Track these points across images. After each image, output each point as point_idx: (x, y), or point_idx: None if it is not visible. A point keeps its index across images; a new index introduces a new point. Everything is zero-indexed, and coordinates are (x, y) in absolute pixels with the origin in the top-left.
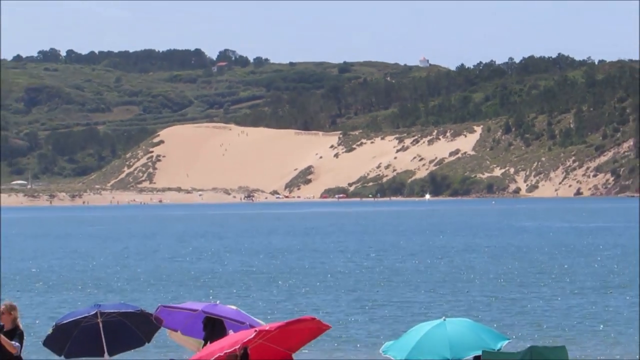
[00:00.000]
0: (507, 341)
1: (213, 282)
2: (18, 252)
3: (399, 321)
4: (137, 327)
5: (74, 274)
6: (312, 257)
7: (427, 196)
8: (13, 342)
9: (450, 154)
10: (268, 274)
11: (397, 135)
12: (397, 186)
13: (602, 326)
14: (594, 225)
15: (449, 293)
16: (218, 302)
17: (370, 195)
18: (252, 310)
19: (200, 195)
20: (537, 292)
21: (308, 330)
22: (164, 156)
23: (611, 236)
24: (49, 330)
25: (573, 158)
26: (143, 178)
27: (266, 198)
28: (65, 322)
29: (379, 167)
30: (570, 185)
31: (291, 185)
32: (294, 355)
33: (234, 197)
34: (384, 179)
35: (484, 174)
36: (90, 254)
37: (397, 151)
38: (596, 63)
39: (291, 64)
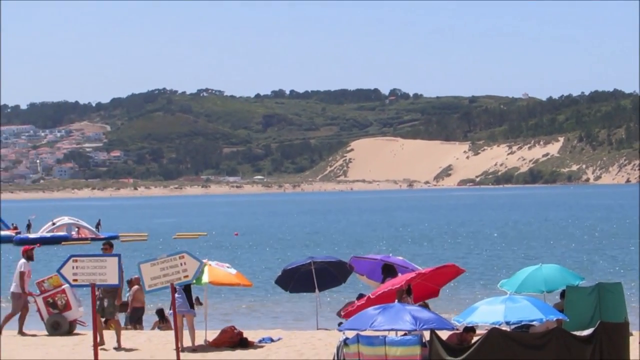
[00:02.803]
0: (582, 280)
1: (388, 241)
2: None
3: (510, 267)
4: (337, 271)
5: (301, 235)
6: (449, 224)
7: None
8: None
9: (543, 156)
10: (426, 234)
11: (507, 144)
12: (507, 177)
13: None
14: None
15: (545, 247)
16: (390, 254)
17: (490, 184)
18: (412, 258)
19: (378, 184)
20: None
21: (450, 272)
22: (354, 159)
23: None
24: (279, 273)
25: (624, 158)
26: (340, 173)
27: (421, 186)
28: (289, 268)
29: (495, 165)
30: (622, 176)
31: (437, 177)
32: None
33: (400, 185)
34: (499, 173)
35: (565, 169)
36: (316, 224)
37: (508, 154)
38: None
39: (437, 97)
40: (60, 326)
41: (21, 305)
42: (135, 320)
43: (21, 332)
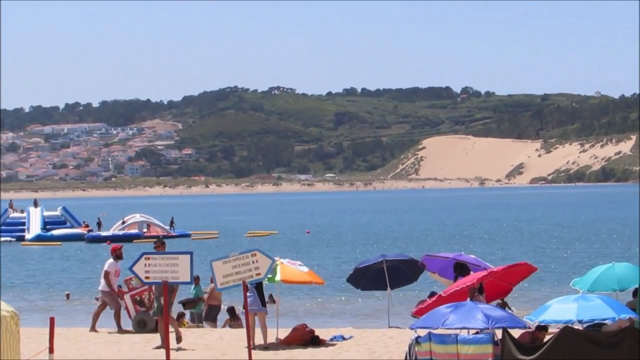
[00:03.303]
0: None
1: (459, 239)
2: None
3: (582, 265)
4: (408, 269)
5: (372, 233)
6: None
7: None
8: None
9: (615, 154)
10: (498, 233)
11: (579, 142)
12: (579, 176)
13: None
14: None
15: (617, 245)
16: (462, 252)
17: (562, 182)
18: (484, 257)
19: (449, 182)
20: None
21: (523, 271)
22: (425, 157)
23: None
24: (351, 272)
25: None
26: (411, 171)
27: (493, 184)
28: (361, 266)
29: (567, 163)
30: None
31: (509, 175)
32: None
33: (471, 183)
34: (571, 171)
35: (637, 167)
36: (383, 222)
37: (580, 152)
38: None
39: (509, 95)
40: (146, 324)
41: (117, 301)
42: (212, 319)
43: (93, 329)
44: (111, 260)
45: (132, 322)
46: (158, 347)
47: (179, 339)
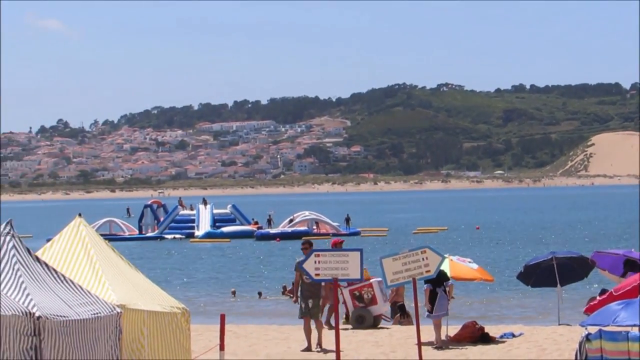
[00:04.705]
0: None
1: (629, 235)
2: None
3: None
4: (578, 266)
5: (540, 230)
6: None
7: None
8: None
9: None
10: None
11: None
12: None
13: None
14: None
15: None
16: (633, 249)
17: None
18: None
19: (619, 179)
20: None
21: None
22: (594, 153)
23: None
24: (520, 269)
25: None
26: (581, 168)
27: None
28: (531, 263)
29: None
30: None
31: None
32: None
33: None
34: None
35: None
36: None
37: None
38: None
39: None
40: (364, 320)
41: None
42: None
43: (328, 324)
44: None
45: (350, 318)
46: (305, 350)
47: (320, 347)
